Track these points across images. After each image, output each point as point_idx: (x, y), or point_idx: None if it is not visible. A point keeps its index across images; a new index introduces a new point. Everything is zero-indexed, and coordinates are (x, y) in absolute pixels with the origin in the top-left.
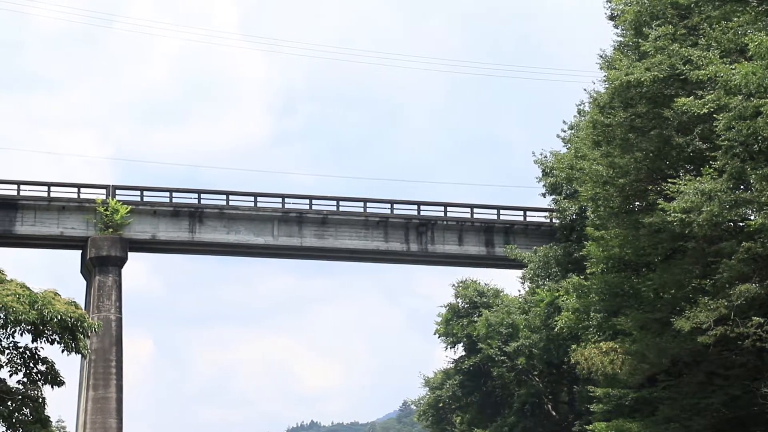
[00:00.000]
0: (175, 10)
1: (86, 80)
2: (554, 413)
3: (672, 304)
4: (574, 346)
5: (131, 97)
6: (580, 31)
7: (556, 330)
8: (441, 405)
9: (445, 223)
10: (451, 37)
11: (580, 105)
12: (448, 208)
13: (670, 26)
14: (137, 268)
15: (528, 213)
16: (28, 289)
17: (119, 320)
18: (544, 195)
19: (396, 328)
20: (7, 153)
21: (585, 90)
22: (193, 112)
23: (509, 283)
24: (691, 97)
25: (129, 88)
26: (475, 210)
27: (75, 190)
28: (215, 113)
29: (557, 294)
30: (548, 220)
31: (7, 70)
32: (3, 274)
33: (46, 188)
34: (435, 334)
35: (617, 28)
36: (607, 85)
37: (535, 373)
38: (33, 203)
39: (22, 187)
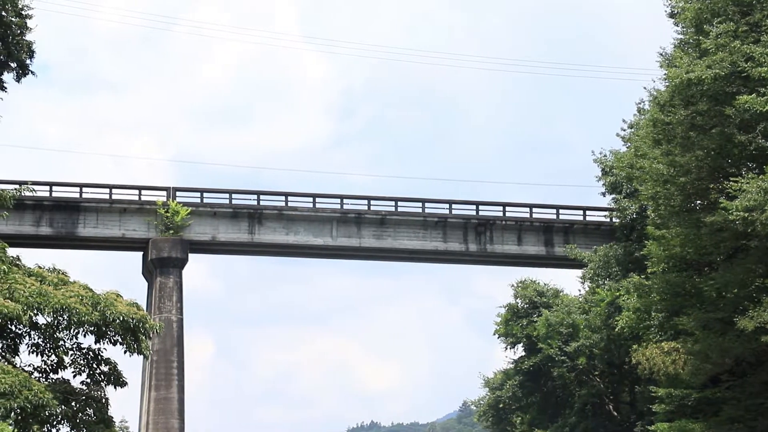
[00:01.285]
0: (235, 12)
1: (148, 83)
2: (616, 414)
3: (735, 303)
4: (635, 346)
5: (192, 99)
6: (639, 28)
7: (616, 330)
8: (501, 405)
9: (504, 223)
10: (509, 36)
11: (639, 103)
12: (507, 208)
13: (732, 23)
14: (197, 269)
15: (587, 212)
16: (91, 290)
17: (180, 321)
18: (603, 194)
19: (455, 329)
20: (70, 156)
21: (645, 88)
22: (253, 114)
23: (569, 282)
24: (753, 95)
25: (190, 90)
26: (534, 210)
27: (136, 192)
28: (275, 115)
29: (618, 294)
30: (608, 220)
31: (71, 74)
32: (66, 276)
33: (107, 190)
34: (494, 334)
35: (677, 26)
36: (667, 83)
37: (596, 373)
38: (95, 205)
39: (84, 189)
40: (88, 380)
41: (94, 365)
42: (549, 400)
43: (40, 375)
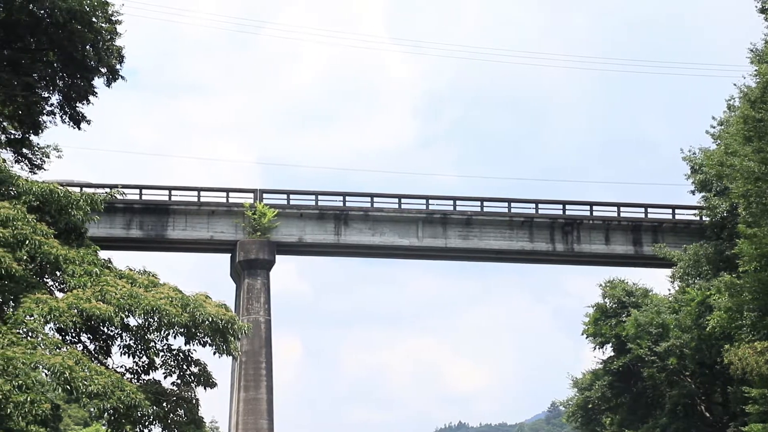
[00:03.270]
0: (322, 15)
1: (235, 86)
2: (708, 414)
3: None
4: (727, 346)
5: (279, 101)
6: (729, 24)
7: (707, 329)
8: (590, 406)
9: (591, 222)
10: (593, 34)
11: (729, 100)
12: (594, 207)
13: None
14: (284, 270)
15: (677, 210)
16: (180, 292)
17: (268, 322)
18: (693, 192)
19: (543, 329)
20: (159, 159)
21: (735, 85)
22: (339, 115)
23: (658, 282)
24: None
25: (277, 93)
26: (622, 208)
27: (224, 194)
28: (361, 116)
29: (708, 293)
30: (698, 218)
31: (160, 78)
32: (156, 278)
33: (196, 193)
34: (583, 334)
35: None
36: (758, 80)
37: (687, 373)
38: (184, 208)
39: (173, 192)
40: (179, 381)
41: (185, 366)
42: (639, 401)
43: (132, 376)
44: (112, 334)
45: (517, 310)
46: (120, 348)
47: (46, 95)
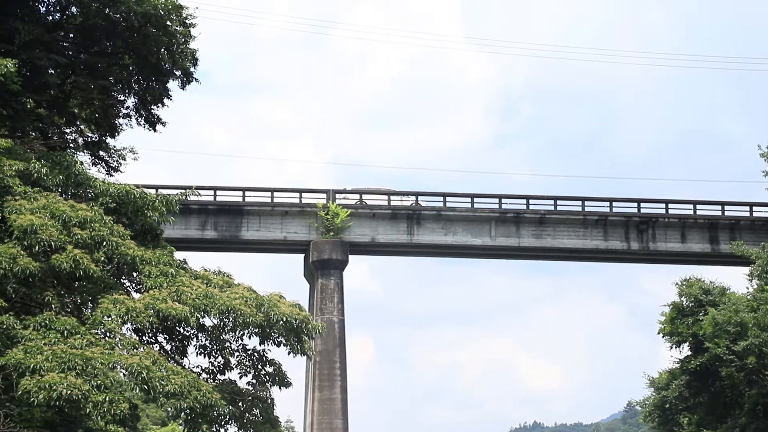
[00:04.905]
0: (394, 15)
1: (308, 87)
2: None
3: None
4: None
5: (351, 102)
6: None
7: None
8: (667, 406)
9: (666, 220)
10: (669, 30)
11: None
12: (670, 205)
13: None
14: (357, 270)
15: (754, 208)
16: (255, 292)
17: (342, 322)
18: None
19: (618, 328)
20: (233, 160)
21: None
22: (412, 115)
23: (736, 280)
24: None
25: (350, 93)
26: (698, 206)
27: (297, 195)
28: (435, 116)
29: None
30: None
31: (233, 80)
32: (230, 278)
33: (269, 194)
34: (659, 333)
35: None
36: None
37: (767, 372)
38: (257, 209)
39: (247, 193)
40: (254, 381)
41: (260, 366)
42: (717, 401)
43: (208, 376)
44: (188, 334)
45: (592, 309)
46: (196, 348)
47: (122, 98)
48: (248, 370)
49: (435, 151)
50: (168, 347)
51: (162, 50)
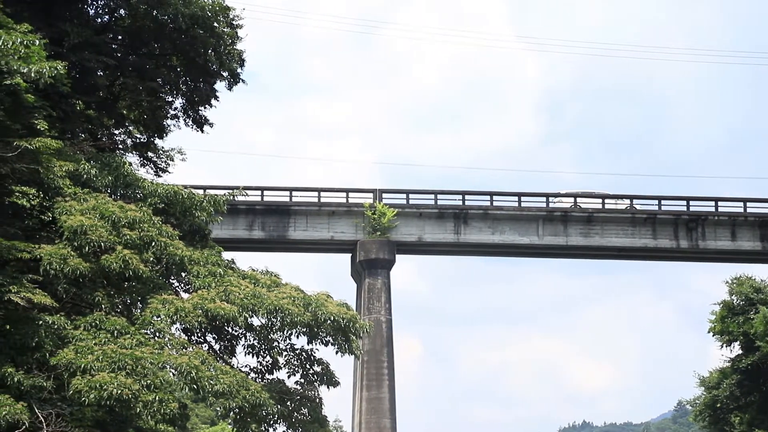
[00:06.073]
0: (442, 14)
1: (354, 86)
2: None
3: None
4: None
5: (399, 101)
6: None
7: None
8: (718, 405)
9: (716, 218)
10: (718, 27)
11: None
12: (719, 203)
13: None
14: (403, 269)
15: None
16: (302, 291)
17: (389, 322)
18: None
19: (668, 326)
20: (279, 160)
21: None
22: (460, 114)
23: None
24: None
25: (397, 92)
26: (749, 204)
27: (343, 195)
28: (483, 115)
29: None
30: None
31: (279, 80)
32: (278, 278)
33: (316, 194)
34: (709, 332)
35: None
36: None
37: None
38: (304, 209)
39: (294, 193)
40: (302, 380)
41: (307, 365)
42: None
43: (256, 375)
44: (236, 333)
45: (640, 308)
46: (244, 348)
47: (170, 99)
48: (296, 369)
49: (482, 150)
50: (216, 347)
51: (209, 51)
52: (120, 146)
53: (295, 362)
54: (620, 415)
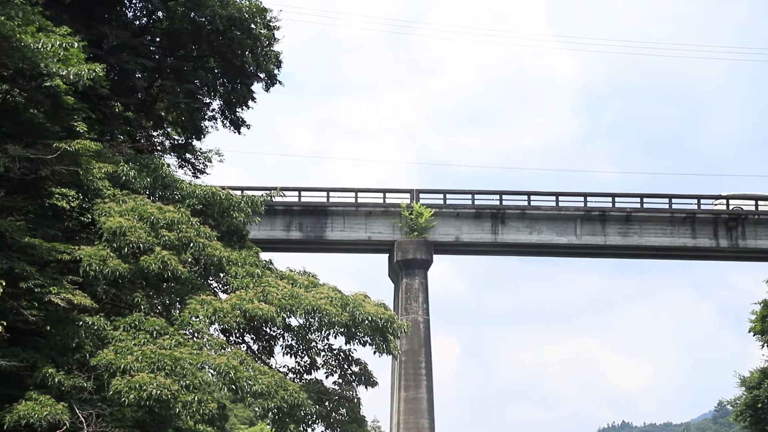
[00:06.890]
0: (477, 13)
1: (391, 87)
2: None
3: None
4: None
5: (436, 101)
6: None
7: None
8: (759, 405)
9: (756, 216)
10: (755, 24)
11: None
12: (760, 201)
13: None
14: (441, 269)
15: None
16: (340, 292)
17: (427, 322)
18: None
19: (708, 326)
20: (316, 161)
21: None
22: (498, 114)
23: None
24: None
25: (434, 92)
26: None
27: (380, 195)
28: (520, 115)
29: None
30: None
31: (316, 81)
32: (315, 278)
33: (353, 194)
34: (749, 332)
35: None
36: None
37: None
38: (342, 209)
39: (331, 193)
40: (340, 380)
41: (345, 366)
42: None
43: (295, 376)
44: (274, 334)
45: (680, 307)
46: (282, 348)
47: (208, 101)
48: (334, 369)
49: (519, 150)
50: (255, 347)
51: (246, 53)
52: (158, 148)
53: (333, 362)
54: (660, 416)
